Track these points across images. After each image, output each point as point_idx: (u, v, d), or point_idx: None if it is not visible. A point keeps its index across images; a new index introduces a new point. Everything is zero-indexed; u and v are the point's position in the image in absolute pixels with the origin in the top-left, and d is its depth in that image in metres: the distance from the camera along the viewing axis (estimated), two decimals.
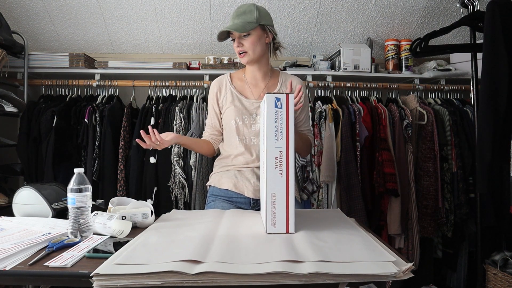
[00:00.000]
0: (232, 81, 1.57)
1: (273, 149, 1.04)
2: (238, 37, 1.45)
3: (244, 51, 1.46)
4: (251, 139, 1.51)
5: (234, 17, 1.45)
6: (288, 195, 1.03)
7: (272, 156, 1.04)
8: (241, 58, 1.48)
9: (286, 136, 1.04)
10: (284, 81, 1.57)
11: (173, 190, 2.23)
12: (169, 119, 2.29)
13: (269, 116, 1.04)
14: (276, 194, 1.03)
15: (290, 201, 1.03)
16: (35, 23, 2.55)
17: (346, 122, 2.26)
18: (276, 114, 1.04)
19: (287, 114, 1.04)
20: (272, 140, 1.04)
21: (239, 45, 1.45)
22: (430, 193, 2.28)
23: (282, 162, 1.03)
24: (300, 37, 2.72)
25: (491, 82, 1.62)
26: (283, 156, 1.04)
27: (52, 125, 2.22)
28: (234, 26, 1.41)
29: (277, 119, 1.04)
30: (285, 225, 1.03)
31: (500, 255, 1.92)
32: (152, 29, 2.62)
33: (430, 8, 2.61)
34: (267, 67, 1.56)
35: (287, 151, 1.04)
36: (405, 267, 0.78)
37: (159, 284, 0.74)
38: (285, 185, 1.03)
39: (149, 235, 1.04)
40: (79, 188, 1.07)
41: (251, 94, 1.54)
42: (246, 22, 1.42)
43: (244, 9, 1.44)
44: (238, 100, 1.52)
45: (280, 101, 1.05)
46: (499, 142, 1.62)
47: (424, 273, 2.33)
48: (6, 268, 0.84)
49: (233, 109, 1.50)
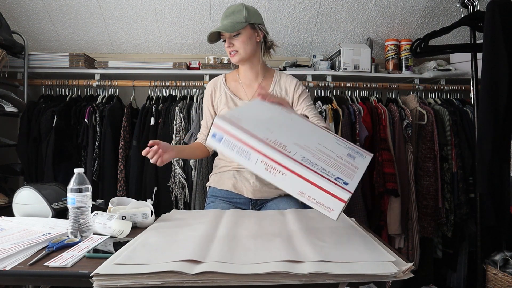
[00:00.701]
0: (226, 82, 1.57)
1: (254, 167, 0.94)
2: (229, 37, 1.46)
3: (235, 51, 1.47)
4: None
5: (223, 18, 1.46)
6: (308, 179, 0.89)
7: (261, 171, 0.94)
8: (232, 58, 1.49)
9: (253, 149, 0.92)
10: (278, 81, 1.56)
11: (173, 190, 2.23)
12: (169, 119, 2.29)
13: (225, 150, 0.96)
14: (302, 190, 0.90)
15: (316, 181, 0.89)
16: (35, 23, 2.55)
17: (346, 122, 2.26)
18: (227, 145, 0.95)
19: (235, 136, 0.94)
20: (246, 161, 0.94)
21: (230, 45, 1.47)
22: (430, 193, 2.28)
23: (272, 166, 0.92)
24: (300, 37, 2.72)
25: (491, 82, 1.62)
26: (267, 163, 0.92)
27: (52, 125, 2.22)
28: (223, 27, 1.43)
29: (232, 146, 0.94)
30: (335, 200, 0.88)
31: (500, 255, 1.92)
32: (152, 29, 2.62)
33: (430, 8, 2.61)
34: (259, 66, 1.56)
35: (266, 156, 0.92)
36: (405, 267, 0.78)
37: (159, 284, 0.74)
38: (296, 178, 0.90)
39: (149, 235, 1.04)
40: (79, 188, 1.07)
41: (244, 95, 1.54)
42: (235, 22, 1.43)
43: (233, 10, 1.45)
44: (232, 101, 1.52)
45: (216, 136, 0.96)
46: (499, 142, 1.62)
47: (424, 273, 2.33)
48: (6, 268, 0.84)
49: (227, 110, 1.51)
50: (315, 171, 0.90)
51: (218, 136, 0.96)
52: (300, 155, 0.95)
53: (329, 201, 0.88)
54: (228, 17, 1.45)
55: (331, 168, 0.94)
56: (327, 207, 0.88)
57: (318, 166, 0.93)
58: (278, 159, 0.91)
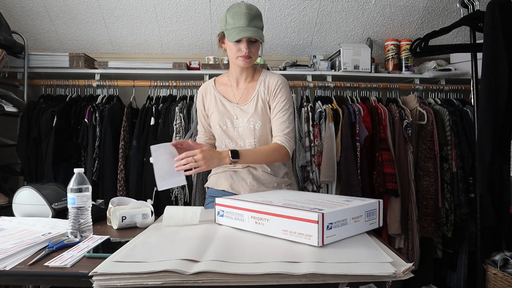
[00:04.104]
0: (215, 85, 1.57)
1: (248, 225, 1.05)
2: (248, 40, 1.40)
3: (250, 56, 1.43)
4: (237, 142, 1.49)
5: (248, 17, 1.38)
6: (286, 215, 0.95)
7: (252, 226, 1.04)
8: (244, 60, 1.42)
9: (244, 210, 1.06)
10: (263, 80, 1.51)
11: (173, 190, 2.23)
12: (169, 119, 2.29)
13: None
14: (284, 227, 0.96)
15: (292, 214, 0.94)
16: (35, 23, 2.55)
17: (346, 122, 2.26)
18: (228, 217, 1.12)
19: (231, 206, 1.11)
20: (241, 223, 1.07)
21: (247, 49, 1.40)
22: (430, 193, 2.28)
23: (259, 217, 1.01)
24: (300, 37, 2.72)
25: (491, 82, 1.62)
26: (255, 217, 1.02)
27: (52, 125, 2.22)
28: (256, 34, 1.38)
29: (230, 215, 1.10)
30: (309, 224, 0.91)
31: (500, 255, 1.92)
32: (152, 29, 2.62)
33: (430, 8, 2.61)
34: (252, 68, 1.55)
35: (253, 211, 1.03)
36: (405, 267, 0.78)
37: (159, 284, 0.74)
38: (278, 218, 0.97)
39: (149, 235, 1.04)
40: (79, 188, 1.07)
41: (233, 97, 1.53)
42: (259, 29, 1.41)
43: (255, 13, 1.40)
44: (221, 103, 1.51)
45: (219, 213, 1.15)
46: (499, 142, 1.62)
47: (424, 273, 2.33)
48: (6, 268, 0.84)
49: (217, 114, 1.50)
50: (294, 208, 0.96)
51: (220, 213, 1.14)
52: (283, 202, 1.04)
53: (306, 228, 0.92)
54: (253, 20, 1.39)
55: (312, 205, 1.00)
56: (306, 235, 0.92)
57: (298, 204, 1.00)
58: (262, 209, 1.02)
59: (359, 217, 1.03)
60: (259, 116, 1.46)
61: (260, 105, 1.47)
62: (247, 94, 1.51)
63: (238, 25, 1.37)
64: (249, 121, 1.46)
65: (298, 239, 0.93)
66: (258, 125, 1.46)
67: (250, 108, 1.47)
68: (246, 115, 1.47)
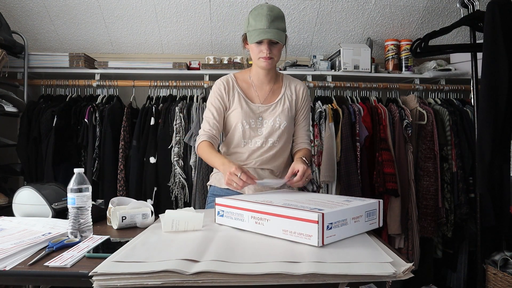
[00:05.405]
0: (237, 82, 1.56)
1: (248, 225, 1.05)
2: (268, 42, 1.41)
3: (271, 57, 1.44)
4: (256, 142, 1.50)
5: (269, 19, 1.38)
6: (287, 215, 0.96)
7: (252, 226, 1.04)
8: (266, 62, 1.43)
9: (244, 210, 1.06)
10: (288, 85, 1.58)
11: (173, 190, 2.23)
12: (169, 119, 2.29)
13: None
14: (284, 227, 0.96)
15: (292, 214, 0.95)
16: (35, 23, 2.55)
17: (346, 122, 2.26)
18: (228, 217, 1.12)
19: (231, 206, 1.11)
20: (241, 223, 1.07)
21: (268, 51, 1.41)
22: (430, 193, 2.28)
23: (259, 217, 1.02)
24: (300, 37, 2.72)
25: (491, 82, 1.62)
26: (255, 217, 1.03)
27: (52, 125, 2.22)
28: (278, 36, 1.38)
29: (230, 216, 1.11)
30: (309, 224, 0.91)
31: (500, 255, 1.92)
32: (152, 29, 2.62)
33: (430, 8, 2.61)
34: (275, 70, 1.58)
35: (253, 211, 1.03)
36: (405, 267, 0.78)
37: (159, 284, 0.74)
38: (278, 219, 0.97)
39: (149, 235, 1.04)
40: (79, 188, 1.07)
41: (256, 97, 1.53)
42: (281, 32, 1.41)
43: (277, 14, 1.41)
44: (245, 102, 1.51)
45: (219, 213, 1.15)
46: (499, 142, 1.62)
47: (424, 273, 2.33)
48: (6, 268, 0.84)
49: (240, 111, 1.49)
50: (294, 208, 0.96)
51: (220, 213, 1.14)
52: (283, 202, 1.04)
53: (306, 228, 0.92)
54: (274, 22, 1.39)
55: (312, 205, 1.00)
56: (306, 235, 0.92)
57: (298, 204, 1.01)
58: (262, 209, 1.02)
59: (359, 217, 1.03)
60: (286, 116, 1.51)
61: (287, 106, 1.53)
62: (272, 96, 1.55)
63: (259, 27, 1.39)
64: (275, 120, 1.50)
65: (298, 239, 0.93)
66: (284, 125, 1.50)
67: (277, 108, 1.52)
68: (273, 115, 1.51)
